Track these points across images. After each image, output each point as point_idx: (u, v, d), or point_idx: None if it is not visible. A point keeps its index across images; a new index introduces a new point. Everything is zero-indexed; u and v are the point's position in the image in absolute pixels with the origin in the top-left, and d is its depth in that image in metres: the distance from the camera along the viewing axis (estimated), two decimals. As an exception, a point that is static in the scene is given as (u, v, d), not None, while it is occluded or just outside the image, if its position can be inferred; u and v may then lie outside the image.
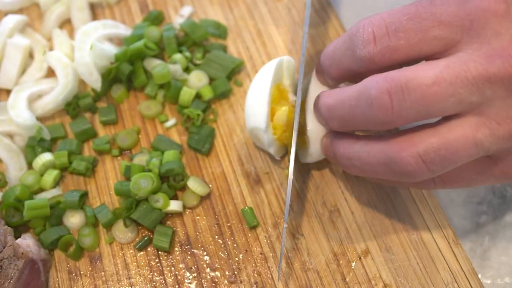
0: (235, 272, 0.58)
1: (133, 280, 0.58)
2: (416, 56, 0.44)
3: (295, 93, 0.59)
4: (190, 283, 0.57)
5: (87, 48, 0.66)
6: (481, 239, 0.63)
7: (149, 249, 0.59)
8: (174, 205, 0.60)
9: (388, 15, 0.44)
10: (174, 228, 0.60)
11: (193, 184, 0.61)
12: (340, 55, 0.48)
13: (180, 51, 0.70)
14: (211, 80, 0.68)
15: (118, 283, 0.58)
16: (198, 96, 0.67)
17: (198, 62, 0.70)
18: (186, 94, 0.66)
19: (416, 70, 0.41)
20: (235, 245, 0.59)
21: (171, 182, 0.61)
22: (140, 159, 0.63)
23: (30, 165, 0.64)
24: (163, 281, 0.57)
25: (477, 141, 0.42)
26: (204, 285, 0.57)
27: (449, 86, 0.40)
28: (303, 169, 0.63)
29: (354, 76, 0.49)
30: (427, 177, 0.44)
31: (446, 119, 0.43)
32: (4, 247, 0.54)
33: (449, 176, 0.49)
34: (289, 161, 0.55)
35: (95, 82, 0.66)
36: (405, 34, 0.42)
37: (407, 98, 0.41)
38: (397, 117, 0.42)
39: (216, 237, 0.60)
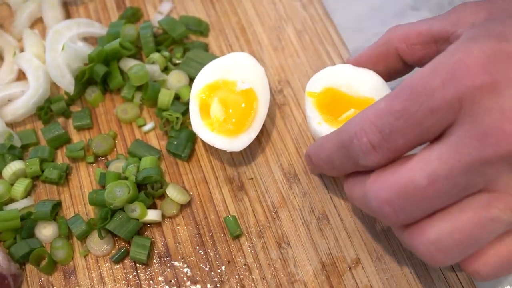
0: (218, 285, 0.58)
1: (109, 295, 0.58)
2: (417, 145, 0.44)
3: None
4: (169, 297, 0.58)
5: (59, 49, 0.67)
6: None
7: (126, 261, 0.60)
8: (152, 215, 0.60)
9: (377, 117, 0.44)
10: (153, 239, 0.60)
11: (172, 192, 0.61)
12: (340, 163, 0.50)
13: (159, 50, 0.70)
14: (191, 80, 0.68)
15: (93, 298, 0.58)
16: (177, 97, 0.68)
17: (177, 61, 0.70)
18: (165, 96, 0.66)
19: (410, 171, 0.42)
20: (217, 256, 0.59)
21: (149, 190, 0.61)
22: (116, 166, 0.63)
23: (-1, 174, 0.64)
24: (141, 296, 0.58)
25: (493, 217, 0.42)
26: (184, 299, 0.57)
27: (446, 181, 0.41)
28: (290, 174, 0.63)
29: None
30: (449, 263, 0.45)
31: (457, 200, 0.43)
32: (-30, 263, 0.54)
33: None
34: None
35: (68, 85, 0.66)
36: (401, 134, 0.43)
37: (408, 204, 0.43)
38: (403, 219, 0.44)
39: (197, 247, 0.60)
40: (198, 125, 0.62)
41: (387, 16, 0.78)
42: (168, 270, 0.59)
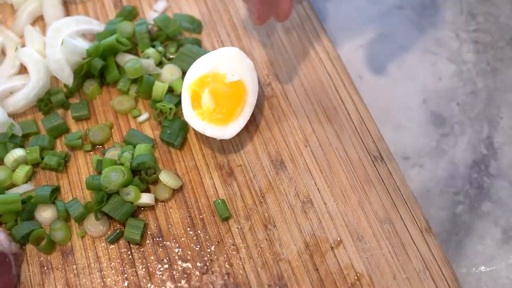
0: (207, 264, 0.63)
1: (104, 272, 0.63)
2: None
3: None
4: (161, 274, 0.62)
5: (58, 45, 0.72)
6: (457, 228, 0.68)
7: (120, 242, 0.65)
8: (146, 198, 0.65)
9: None
10: (146, 221, 0.65)
11: (165, 177, 0.66)
12: None
13: (153, 46, 0.75)
14: (184, 74, 0.73)
15: (90, 275, 0.63)
16: (171, 90, 0.73)
17: (171, 56, 0.76)
18: (159, 88, 0.71)
19: None
20: (207, 237, 0.64)
21: (143, 175, 0.66)
22: (112, 154, 0.68)
23: (1, 161, 0.69)
24: (135, 273, 0.63)
25: None
26: (175, 276, 0.62)
27: None
28: (277, 161, 0.68)
29: None
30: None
31: None
32: (-25, 240, 0.59)
33: None
34: None
35: (67, 78, 0.72)
36: None
37: None
38: None
39: (188, 229, 0.65)
40: (190, 114, 0.67)
41: (373, 15, 0.83)
42: (161, 250, 0.64)
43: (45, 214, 0.66)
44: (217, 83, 0.68)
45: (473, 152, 0.73)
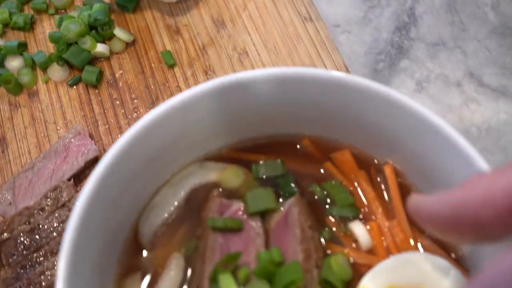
0: (154, 101, 0.74)
1: (65, 109, 0.74)
2: None
3: None
4: (114, 110, 0.73)
5: None
6: (377, 81, 0.78)
7: (80, 86, 0.75)
8: (101, 48, 0.76)
9: None
10: (102, 70, 0.76)
11: (118, 31, 0.76)
12: None
13: None
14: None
15: (52, 111, 0.74)
16: (126, -36, 0.83)
17: None
18: (115, -39, 0.82)
19: None
20: (155, 81, 0.75)
21: (99, 30, 0.77)
22: (73, 14, 0.79)
23: (-25, 22, 0.79)
24: (91, 110, 0.74)
25: None
26: (126, 112, 0.73)
27: None
28: (218, 22, 0.79)
29: None
30: None
31: None
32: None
33: None
34: None
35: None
36: None
37: None
38: None
39: (139, 75, 0.76)
40: None
41: None
42: (114, 91, 0.75)
43: (14, 63, 0.76)
44: None
45: (396, 20, 0.84)
